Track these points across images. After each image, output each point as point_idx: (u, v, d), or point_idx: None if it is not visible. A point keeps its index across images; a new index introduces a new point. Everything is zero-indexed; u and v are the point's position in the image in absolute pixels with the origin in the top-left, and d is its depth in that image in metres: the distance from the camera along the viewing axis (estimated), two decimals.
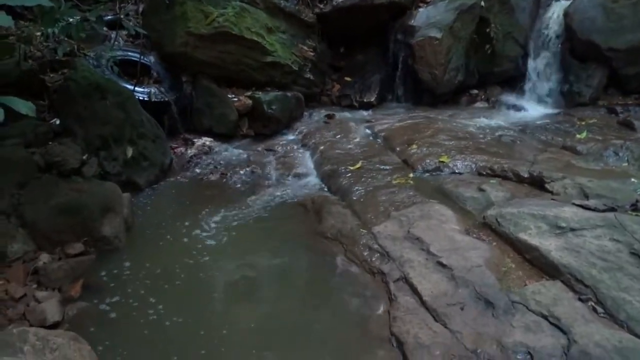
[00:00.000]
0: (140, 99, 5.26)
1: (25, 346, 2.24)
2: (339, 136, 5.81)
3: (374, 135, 5.78)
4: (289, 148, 5.84)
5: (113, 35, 6.14)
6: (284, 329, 2.92)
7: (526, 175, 4.12)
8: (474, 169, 4.48)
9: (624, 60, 6.38)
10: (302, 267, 3.56)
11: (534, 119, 6.21)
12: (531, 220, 3.28)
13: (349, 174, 4.66)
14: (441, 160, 4.65)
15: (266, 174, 5.17)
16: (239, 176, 5.09)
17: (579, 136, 5.19)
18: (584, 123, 5.65)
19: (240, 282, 3.38)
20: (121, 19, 5.35)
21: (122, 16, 5.61)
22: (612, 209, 3.26)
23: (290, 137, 6.26)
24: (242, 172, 5.16)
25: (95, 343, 2.66)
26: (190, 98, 6.13)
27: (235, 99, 6.15)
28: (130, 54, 5.96)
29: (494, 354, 2.44)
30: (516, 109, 6.76)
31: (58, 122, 4.49)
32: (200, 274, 3.46)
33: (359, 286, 3.20)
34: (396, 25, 7.27)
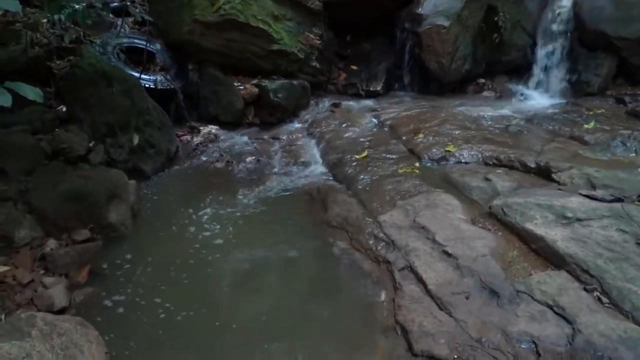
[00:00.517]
0: (147, 86, 5.26)
1: (32, 330, 2.26)
2: (344, 125, 5.79)
3: (380, 124, 5.76)
4: (294, 136, 5.84)
5: (119, 23, 6.13)
6: (288, 316, 2.94)
7: (533, 165, 4.10)
8: (480, 159, 4.46)
9: (633, 49, 6.33)
10: (308, 255, 3.56)
11: (541, 108, 6.16)
12: (537, 210, 3.27)
13: (355, 163, 4.65)
14: (447, 149, 4.63)
15: (272, 162, 5.17)
16: (245, 164, 5.10)
17: (586, 126, 5.15)
18: (591, 113, 5.60)
19: (246, 270, 3.39)
20: (127, 6, 5.32)
21: (128, 3, 5.58)
22: (619, 200, 3.24)
23: (296, 125, 6.26)
24: (248, 161, 5.16)
25: (101, 328, 2.68)
26: (196, 86, 6.13)
27: (241, 87, 6.14)
28: (136, 41, 5.96)
29: (499, 342, 2.44)
30: (523, 99, 6.72)
31: (64, 109, 4.51)
32: (206, 261, 3.47)
33: (364, 275, 3.20)
34: (403, 13, 7.22)
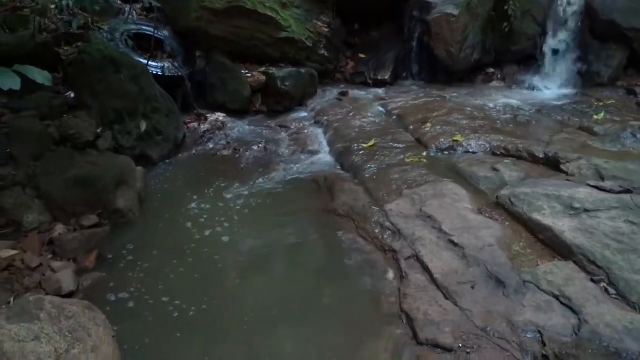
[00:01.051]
0: (154, 73, 5.25)
1: (41, 313, 2.28)
2: (352, 114, 5.78)
3: (388, 114, 5.74)
4: (301, 125, 5.83)
5: (127, 9, 6.11)
6: (294, 304, 2.95)
7: (541, 156, 4.08)
8: (488, 149, 4.44)
9: None
10: (314, 243, 3.57)
11: (550, 99, 6.12)
12: (545, 200, 3.25)
13: (362, 152, 4.64)
14: (455, 139, 4.61)
15: (279, 150, 5.17)
16: (252, 152, 5.10)
17: (596, 117, 5.11)
18: (601, 104, 5.56)
19: (252, 257, 3.41)
20: None
21: None
22: (628, 191, 3.22)
23: (304, 114, 6.24)
24: (255, 148, 5.16)
25: (109, 312, 2.71)
26: (204, 73, 6.13)
27: (249, 74, 6.13)
28: (144, 27, 5.94)
29: (504, 332, 2.45)
30: (533, 89, 6.67)
31: (72, 95, 4.51)
32: (212, 248, 3.49)
33: (370, 263, 3.20)
34: (412, 1, 7.17)
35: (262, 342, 2.64)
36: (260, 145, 5.21)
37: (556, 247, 2.95)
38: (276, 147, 5.22)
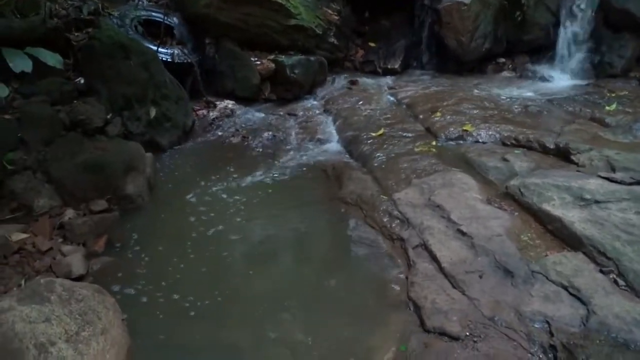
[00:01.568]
0: (164, 60, 5.25)
1: (52, 296, 2.31)
2: (361, 102, 5.75)
3: (397, 102, 5.71)
4: (310, 113, 5.81)
5: None
6: (302, 291, 2.97)
7: (552, 146, 4.05)
8: (498, 139, 4.40)
9: None
10: (322, 231, 3.58)
11: (562, 89, 6.04)
12: (555, 191, 3.23)
13: (371, 141, 4.63)
14: (465, 129, 4.58)
15: (287, 138, 5.16)
16: (260, 140, 5.10)
17: (608, 108, 5.05)
18: (614, 95, 5.48)
19: (260, 244, 3.42)
20: None
21: None
22: (639, 183, 3.19)
23: (313, 102, 6.22)
24: (264, 136, 5.16)
25: (118, 296, 2.74)
26: (213, 60, 6.11)
27: (258, 62, 6.10)
28: (154, 14, 5.94)
29: (512, 321, 2.44)
30: (544, 79, 6.57)
31: (82, 81, 4.53)
32: (221, 235, 3.50)
33: (378, 251, 3.21)
34: None
35: (270, 328, 2.65)
36: (269, 133, 5.21)
37: (565, 238, 2.93)
38: (285, 135, 5.21)
